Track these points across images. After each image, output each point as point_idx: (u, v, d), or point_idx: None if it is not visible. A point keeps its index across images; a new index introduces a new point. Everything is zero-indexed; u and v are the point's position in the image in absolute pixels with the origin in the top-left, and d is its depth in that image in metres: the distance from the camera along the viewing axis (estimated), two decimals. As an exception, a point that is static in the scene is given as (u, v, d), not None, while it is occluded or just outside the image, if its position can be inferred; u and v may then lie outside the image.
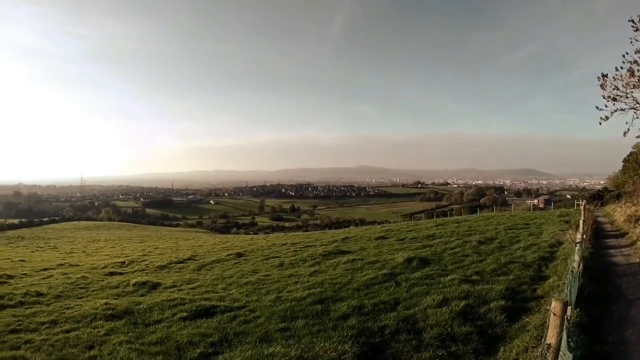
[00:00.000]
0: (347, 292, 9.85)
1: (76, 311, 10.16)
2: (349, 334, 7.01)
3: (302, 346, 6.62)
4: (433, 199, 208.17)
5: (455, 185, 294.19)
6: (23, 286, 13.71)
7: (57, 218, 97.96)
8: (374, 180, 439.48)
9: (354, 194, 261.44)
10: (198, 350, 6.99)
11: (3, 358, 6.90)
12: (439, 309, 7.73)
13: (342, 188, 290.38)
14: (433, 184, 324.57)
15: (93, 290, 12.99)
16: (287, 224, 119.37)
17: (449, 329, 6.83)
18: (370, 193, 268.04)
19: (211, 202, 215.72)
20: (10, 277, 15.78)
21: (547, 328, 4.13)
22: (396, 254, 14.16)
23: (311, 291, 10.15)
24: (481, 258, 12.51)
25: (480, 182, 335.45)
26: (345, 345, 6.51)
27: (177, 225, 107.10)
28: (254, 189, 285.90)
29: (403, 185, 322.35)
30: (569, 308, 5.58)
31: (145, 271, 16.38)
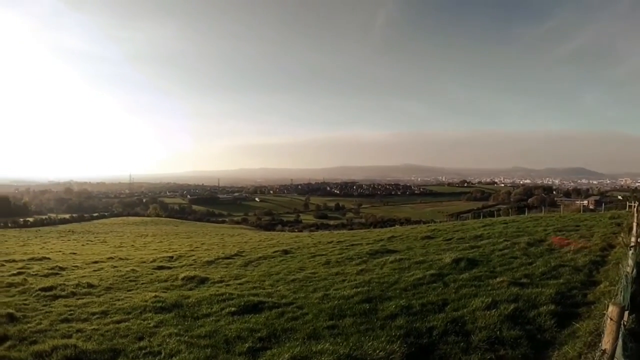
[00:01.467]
0: (394, 292, 9.69)
1: (126, 303, 10.38)
2: (397, 333, 6.91)
3: (351, 344, 6.56)
4: (479, 199, 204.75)
5: (502, 185, 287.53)
6: (75, 278, 14.16)
7: (106, 213, 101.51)
8: (419, 179, 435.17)
9: (399, 193, 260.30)
10: (246, 345, 7.00)
11: (56, 346, 7.07)
12: (488, 312, 7.53)
13: (387, 186, 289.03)
14: (479, 183, 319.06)
15: (142, 284, 13.26)
16: (331, 222, 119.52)
17: (498, 332, 6.65)
18: (416, 192, 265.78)
19: (256, 199, 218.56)
20: (62, 268, 16.36)
21: (603, 333, 3.91)
22: (443, 254, 13.87)
23: (358, 290, 10.05)
24: (530, 260, 12.08)
25: (527, 181, 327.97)
26: (394, 345, 6.41)
27: (223, 222, 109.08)
28: (299, 186, 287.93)
29: (449, 184, 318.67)
30: (625, 313, 5.29)
31: (193, 266, 16.63)
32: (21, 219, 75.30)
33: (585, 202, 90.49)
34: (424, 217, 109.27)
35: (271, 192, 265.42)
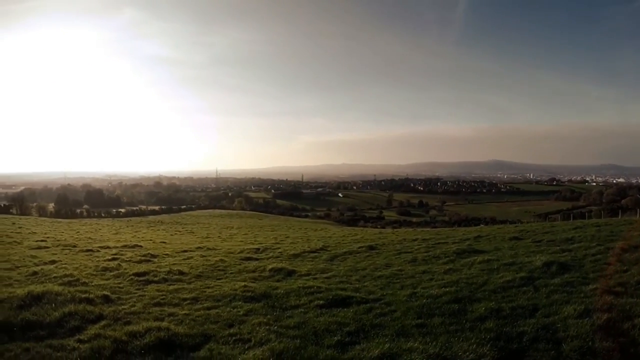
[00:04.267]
0: (483, 293, 9.26)
1: (216, 291, 10.63)
2: (486, 336, 6.63)
3: (440, 344, 6.38)
4: (569, 199, 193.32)
5: (594, 184, 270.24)
6: (166, 265, 14.75)
7: (193, 206, 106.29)
8: (505, 176, 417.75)
9: (484, 190, 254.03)
10: (335, 338, 6.95)
11: (149, 327, 7.35)
12: (580, 320, 6.98)
13: (473, 183, 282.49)
14: (569, 181, 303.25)
15: (231, 273, 13.58)
16: (414, 220, 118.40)
17: (590, 343, 6.14)
18: (502, 190, 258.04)
19: (339, 194, 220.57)
20: (153, 256, 17.14)
21: None
22: (533, 256, 13.07)
23: (446, 289, 9.70)
24: (625, 268, 11.07)
25: (621, 180, 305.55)
26: (484, 348, 6.17)
27: (306, 217, 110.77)
28: (382, 182, 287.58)
29: (537, 182, 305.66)
30: None
31: (279, 258, 16.85)
32: (114, 210, 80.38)
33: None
34: (510, 217, 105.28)
35: (354, 187, 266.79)
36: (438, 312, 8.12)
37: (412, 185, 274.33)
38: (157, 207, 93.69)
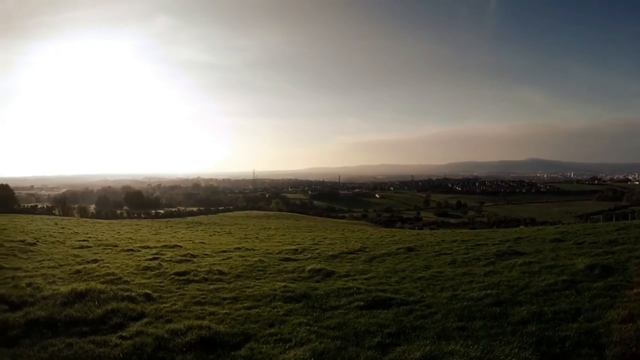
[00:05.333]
0: (525, 297, 9.06)
1: (256, 291, 10.72)
2: (528, 340, 6.53)
3: (481, 348, 6.29)
4: (611, 198, 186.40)
5: (637, 182, 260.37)
6: (205, 265, 14.96)
7: (231, 207, 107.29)
8: (545, 175, 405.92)
9: (523, 190, 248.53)
10: (376, 340, 6.94)
11: (190, 326, 7.47)
12: (624, 325, 6.73)
13: (511, 183, 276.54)
14: (612, 180, 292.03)
15: (270, 274, 13.67)
16: (452, 221, 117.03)
17: (633, 349, 5.95)
18: (541, 189, 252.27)
19: (376, 195, 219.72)
20: (193, 256, 17.39)
21: None
22: (575, 259, 12.68)
23: (487, 292, 9.55)
24: None
25: None
26: (526, 353, 6.08)
27: (343, 218, 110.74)
28: (420, 183, 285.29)
29: (577, 182, 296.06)
30: None
31: (317, 259, 16.85)
32: (153, 211, 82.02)
33: None
34: (550, 218, 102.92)
35: (391, 188, 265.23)
36: (479, 315, 8.03)
37: (449, 185, 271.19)
38: (195, 208, 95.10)
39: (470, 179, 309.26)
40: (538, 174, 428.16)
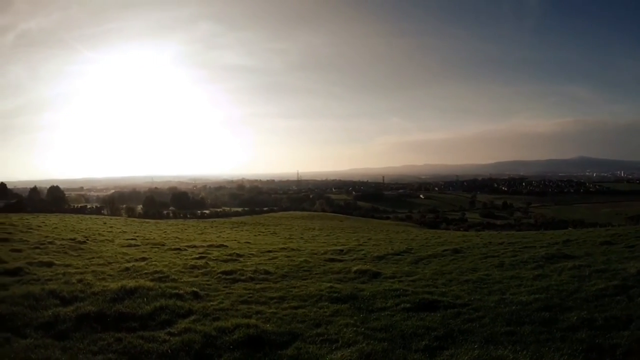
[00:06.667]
0: (574, 302, 8.77)
1: (302, 291, 10.77)
2: (578, 347, 6.36)
3: (530, 353, 6.21)
4: None
5: None
6: (251, 264, 15.10)
7: (275, 208, 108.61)
8: (594, 175, 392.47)
9: (571, 190, 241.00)
10: (423, 343, 6.90)
11: (238, 324, 7.59)
12: None
13: (559, 183, 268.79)
14: None
15: (316, 274, 13.69)
16: (498, 222, 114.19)
17: None
18: (591, 189, 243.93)
19: (421, 196, 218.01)
20: (239, 255, 17.60)
21: None
22: (626, 263, 12.17)
23: (536, 296, 9.30)
24: None
25: None
26: None
27: (387, 218, 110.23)
28: (465, 183, 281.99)
29: (628, 181, 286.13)
30: None
31: (363, 260, 16.76)
32: (198, 211, 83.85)
33: None
34: (600, 220, 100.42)
35: (436, 188, 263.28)
36: (528, 319, 7.88)
37: (495, 185, 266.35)
38: (240, 209, 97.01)
39: (516, 179, 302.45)
40: (587, 173, 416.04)
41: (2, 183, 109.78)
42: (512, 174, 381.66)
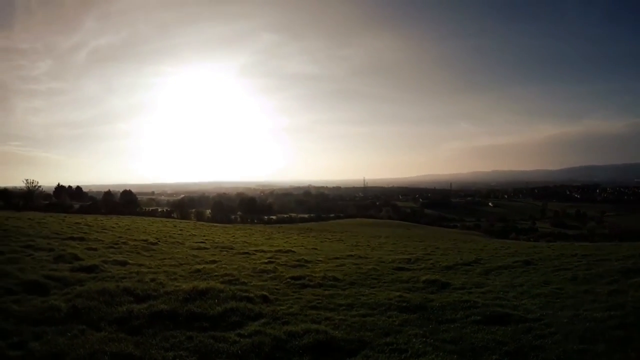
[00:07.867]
0: None
1: (370, 299, 10.76)
2: None
3: None
4: None
5: None
6: (319, 270, 15.21)
7: (341, 215, 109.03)
8: None
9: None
10: (493, 357, 6.78)
11: (307, 329, 7.73)
12: None
13: (636, 190, 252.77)
14: None
15: (384, 282, 13.63)
16: (570, 232, 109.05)
17: None
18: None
19: (489, 204, 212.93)
20: (307, 261, 17.78)
21: None
22: None
23: (611, 313, 8.83)
24: None
25: None
26: None
27: (454, 227, 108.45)
28: (535, 190, 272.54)
29: None
30: None
31: (432, 270, 16.55)
32: (265, 217, 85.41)
33: None
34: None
35: (505, 196, 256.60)
36: (602, 338, 7.54)
37: (567, 192, 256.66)
38: (306, 215, 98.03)
39: (589, 186, 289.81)
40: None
41: (78, 186, 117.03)
42: (585, 180, 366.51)
